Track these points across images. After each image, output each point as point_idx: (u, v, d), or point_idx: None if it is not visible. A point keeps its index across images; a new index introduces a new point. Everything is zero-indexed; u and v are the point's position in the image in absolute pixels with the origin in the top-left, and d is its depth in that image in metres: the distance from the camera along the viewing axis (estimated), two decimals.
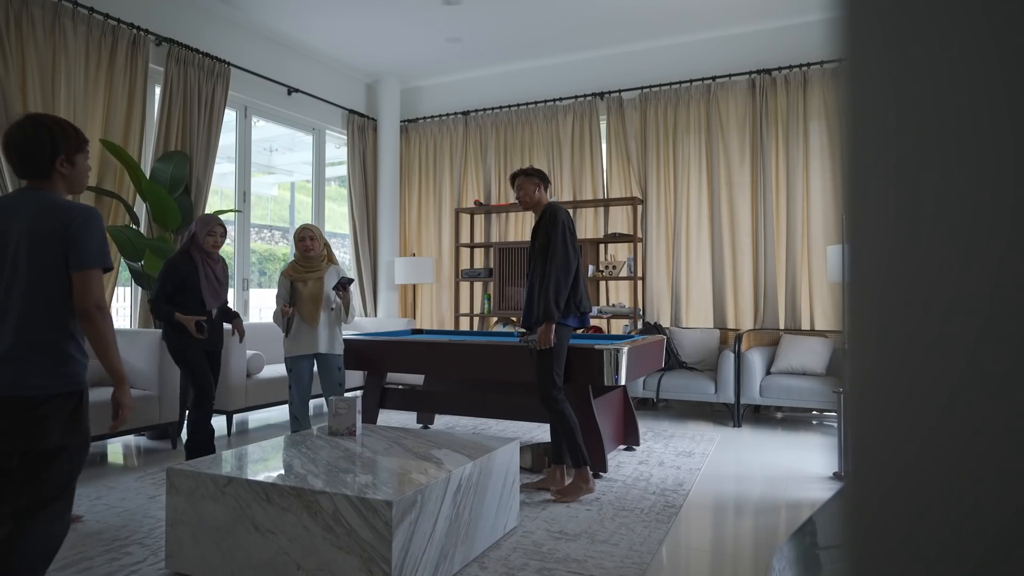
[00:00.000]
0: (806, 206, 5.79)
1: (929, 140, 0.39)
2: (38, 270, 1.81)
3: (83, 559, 2.60)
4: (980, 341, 0.38)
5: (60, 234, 1.81)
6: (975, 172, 0.38)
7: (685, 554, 2.77)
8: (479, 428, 5.22)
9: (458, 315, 6.94)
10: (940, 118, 0.39)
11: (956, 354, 0.38)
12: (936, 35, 0.38)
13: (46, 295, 1.81)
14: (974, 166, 0.38)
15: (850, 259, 0.42)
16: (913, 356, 0.39)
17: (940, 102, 0.39)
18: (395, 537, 2.09)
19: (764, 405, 5.39)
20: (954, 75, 0.38)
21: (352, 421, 3.06)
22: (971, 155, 0.38)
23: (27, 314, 1.80)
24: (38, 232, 1.81)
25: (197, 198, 5.29)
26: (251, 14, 5.87)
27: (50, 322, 1.81)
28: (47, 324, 1.81)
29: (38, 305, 1.81)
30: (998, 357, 0.37)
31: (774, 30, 5.97)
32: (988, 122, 0.37)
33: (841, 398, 3.60)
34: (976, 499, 0.38)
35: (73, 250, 1.82)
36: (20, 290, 1.80)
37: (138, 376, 4.33)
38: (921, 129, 0.39)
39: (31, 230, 1.81)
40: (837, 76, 0.42)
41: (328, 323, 3.95)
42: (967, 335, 0.38)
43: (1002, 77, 0.37)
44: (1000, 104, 0.37)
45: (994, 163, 0.37)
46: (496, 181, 7.13)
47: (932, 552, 0.39)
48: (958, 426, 0.38)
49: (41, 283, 1.81)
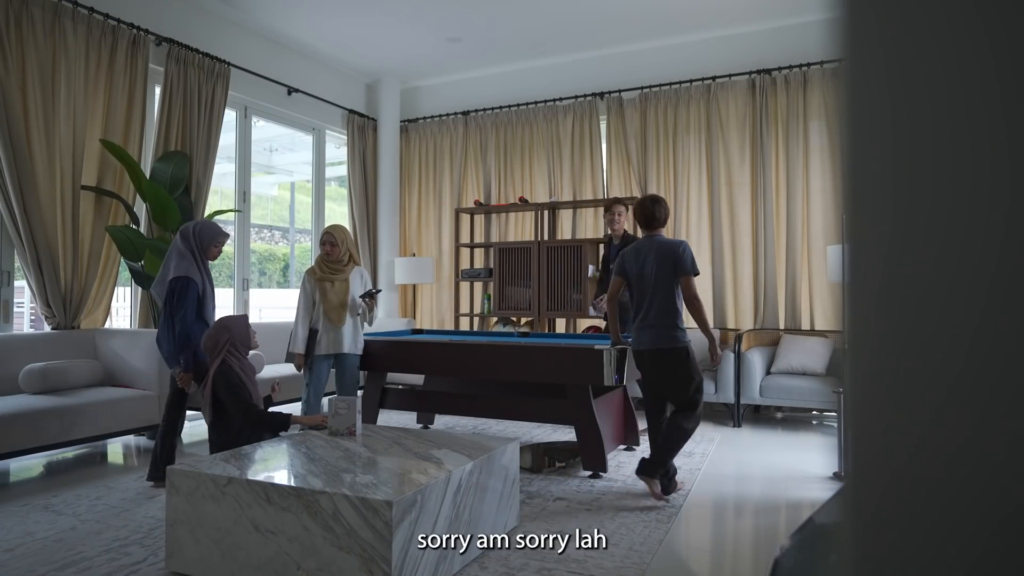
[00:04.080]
0: (806, 206, 5.79)
1: (928, 140, 0.39)
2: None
3: (83, 559, 2.60)
4: (979, 341, 0.38)
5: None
6: (973, 172, 0.38)
7: (685, 554, 2.77)
8: (479, 428, 5.22)
9: (458, 315, 6.94)
10: (939, 118, 0.39)
11: (955, 354, 0.38)
12: (934, 35, 0.38)
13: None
14: (972, 166, 0.38)
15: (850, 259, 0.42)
16: (912, 356, 0.40)
17: (939, 102, 0.39)
18: (395, 537, 2.09)
19: (764, 405, 5.39)
20: (952, 75, 0.38)
21: (352, 421, 3.06)
22: (970, 155, 0.38)
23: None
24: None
25: (197, 198, 5.29)
26: (251, 14, 5.87)
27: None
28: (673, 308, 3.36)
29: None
30: (997, 356, 0.37)
31: (774, 30, 5.97)
32: (986, 122, 0.37)
33: (841, 398, 3.59)
34: (975, 498, 0.38)
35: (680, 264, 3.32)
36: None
37: (138, 376, 4.33)
38: (920, 129, 0.39)
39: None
40: (837, 76, 0.42)
41: (353, 324, 4.00)
42: (966, 335, 0.38)
43: (999, 77, 0.37)
44: (997, 104, 0.37)
45: (992, 163, 0.37)
46: (496, 181, 7.13)
47: (932, 551, 0.39)
48: (957, 426, 0.38)
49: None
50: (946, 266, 0.38)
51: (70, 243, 4.49)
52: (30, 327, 5.77)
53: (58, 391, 3.95)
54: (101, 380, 4.29)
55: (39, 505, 3.28)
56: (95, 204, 4.73)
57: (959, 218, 0.38)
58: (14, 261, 4.51)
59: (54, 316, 4.44)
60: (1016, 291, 0.36)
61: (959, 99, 0.38)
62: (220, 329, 3.32)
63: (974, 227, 0.37)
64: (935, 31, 0.38)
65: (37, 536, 2.86)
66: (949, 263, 0.38)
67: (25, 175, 4.23)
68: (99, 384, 4.27)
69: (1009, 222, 0.36)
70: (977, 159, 0.37)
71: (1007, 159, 0.36)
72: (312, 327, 3.94)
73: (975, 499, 0.38)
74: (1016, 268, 0.36)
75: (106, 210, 4.79)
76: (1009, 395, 0.37)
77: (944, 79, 0.38)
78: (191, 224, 3.67)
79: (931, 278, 0.39)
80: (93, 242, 4.67)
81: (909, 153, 0.39)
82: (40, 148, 4.32)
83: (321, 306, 3.93)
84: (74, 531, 2.92)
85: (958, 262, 0.38)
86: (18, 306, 4.93)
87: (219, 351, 3.28)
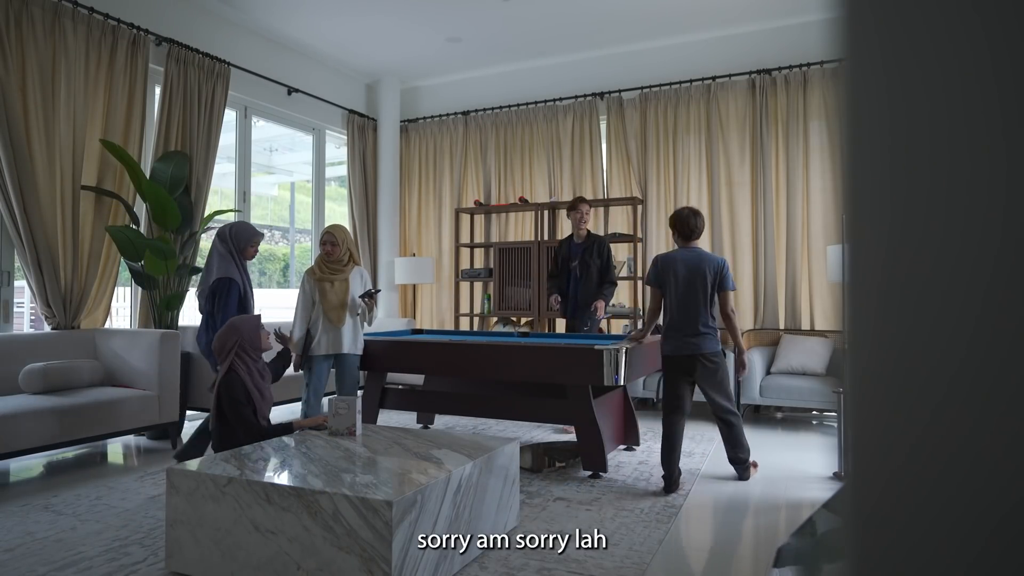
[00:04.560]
0: (806, 206, 5.79)
1: (927, 140, 0.39)
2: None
3: (83, 559, 2.60)
4: (978, 340, 0.38)
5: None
6: (972, 171, 0.38)
7: (685, 554, 2.77)
8: (479, 428, 5.21)
9: (458, 315, 6.94)
10: (938, 118, 0.39)
11: (954, 353, 0.38)
12: (934, 35, 0.38)
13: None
14: (971, 165, 0.38)
15: (850, 259, 0.42)
16: (912, 356, 0.40)
17: (938, 102, 0.39)
18: (395, 537, 2.09)
19: (764, 405, 5.39)
20: (951, 75, 0.38)
21: (352, 421, 3.06)
22: (969, 154, 0.38)
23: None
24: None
25: (197, 198, 5.29)
26: (251, 14, 5.86)
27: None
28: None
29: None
30: (995, 356, 0.37)
31: (774, 30, 5.97)
32: (985, 122, 0.37)
33: (841, 398, 3.60)
34: (974, 498, 0.38)
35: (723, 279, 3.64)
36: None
37: (138, 376, 4.33)
38: (919, 129, 0.39)
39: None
40: (836, 76, 0.42)
41: (352, 324, 4.00)
42: (965, 334, 0.38)
43: (997, 77, 0.37)
44: (995, 104, 0.37)
45: (991, 162, 0.37)
46: (496, 181, 7.13)
47: (931, 551, 0.39)
48: (956, 425, 0.38)
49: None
50: (945, 266, 0.38)
51: (70, 243, 4.49)
52: (30, 327, 5.76)
53: (58, 391, 3.95)
54: (101, 380, 4.29)
55: (39, 505, 3.28)
56: (95, 204, 4.73)
57: (958, 218, 0.38)
58: (14, 261, 4.52)
59: (54, 316, 4.44)
60: (1014, 290, 0.36)
61: (958, 99, 0.38)
62: (229, 330, 3.19)
63: (973, 227, 0.37)
64: (934, 31, 0.38)
65: (37, 536, 2.86)
66: (948, 263, 0.38)
67: (25, 175, 4.23)
68: (99, 384, 4.27)
69: (1007, 222, 0.36)
70: (975, 159, 0.37)
71: (1005, 159, 0.36)
72: (309, 329, 3.95)
73: (974, 498, 0.38)
74: (1014, 268, 0.36)
75: (106, 210, 4.79)
76: (1008, 394, 0.37)
77: (943, 79, 0.38)
78: (227, 226, 3.78)
79: (930, 278, 0.39)
80: (93, 242, 4.67)
81: (908, 153, 0.39)
82: (40, 148, 4.32)
83: (321, 306, 3.94)
84: (74, 531, 2.92)
85: (957, 262, 0.38)
86: (18, 306, 4.93)
87: (227, 354, 3.14)
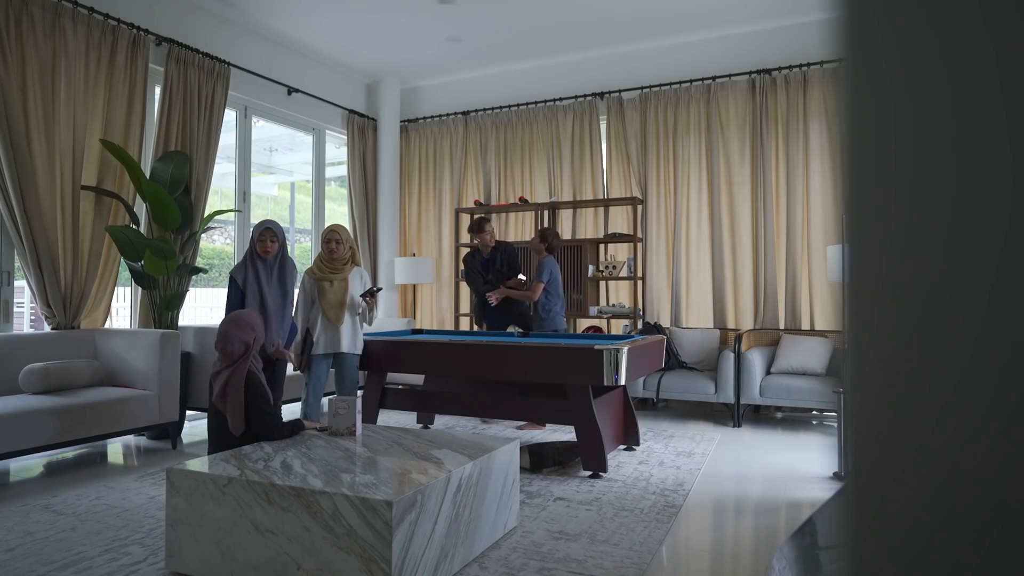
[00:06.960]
0: (806, 206, 5.79)
1: (928, 140, 0.39)
2: None
3: (83, 559, 2.60)
4: (979, 341, 0.38)
5: None
6: (974, 172, 0.38)
7: (685, 554, 2.77)
8: (479, 428, 5.22)
9: (458, 315, 6.94)
10: (939, 118, 0.39)
11: (955, 354, 0.38)
12: (935, 35, 0.38)
13: None
14: (973, 166, 0.38)
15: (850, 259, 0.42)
16: (913, 356, 0.39)
17: (939, 102, 0.39)
18: (395, 537, 2.09)
19: (764, 405, 5.39)
20: (953, 75, 0.38)
21: (352, 421, 3.06)
22: (970, 155, 0.38)
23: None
24: None
25: (197, 198, 5.29)
26: (251, 14, 5.86)
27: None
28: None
29: None
30: (997, 357, 0.37)
31: (774, 30, 5.97)
32: (987, 122, 0.37)
33: (841, 398, 3.59)
34: (976, 499, 0.38)
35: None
36: None
37: (138, 376, 4.33)
38: (920, 129, 0.39)
39: None
40: (837, 76, 0.42)
41: (351, 324, 4.01)
42: (967, 335, 0.38)
43: (1000, 77, 0.37)
44: (998, 104, 0.37)
45: (993, 163, 0.37)
46: (496, 181, 7.13)
47: (932, 552, 0.39)
48: (957, 426, 0.38)
49: None
50: (946, 266, 0.38)
51: (70, 243, 4.49)
52: (30, 327, 5.76)
53: (58, 391, 3.95)
54: (101, 380, 4.29)
55: (39, 505, 3.28)
56: (95, 204, 4.73)
57: (960, 218, 0.38)
58: (14, 261, 4.52)
59: (54, 316, 4.44)
60: (1017, 292, 0.36)
61: (960, 99, 0.38)
62: (246, 328, 2.99)
63: (975, 227, 0.37)
64: (936, 31, 0.38)
65: (37, 536, 2.86)
66: (949, 263, 0.38)
67: (25, 175, 4.23)
68: (99, 384, 4.27)
69: (1011, 222, 0.36)
70: (978, 159, 0.37)
71: (1008, 158, 0.36)
72: (309, 328, 3.95)
73: (976, 500, 0.38)
74: (1017, 268, 0.36)
75: (106, 210, 4.79)
76: (1011, 395, 0.37)
77: (945, 79, 0.38)
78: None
79: (931, 278, 0.39)
80: (93, 242, 4.68)
81: (909, 153, 0.39)
82: (40, 148, 4.32)
83: (320, 305, 3.94)
84: (74, 531, 2.92)
85: (959, 262, 0.38)
86: (18, 306, 4.93)
87: (245, 352, 2.95)
